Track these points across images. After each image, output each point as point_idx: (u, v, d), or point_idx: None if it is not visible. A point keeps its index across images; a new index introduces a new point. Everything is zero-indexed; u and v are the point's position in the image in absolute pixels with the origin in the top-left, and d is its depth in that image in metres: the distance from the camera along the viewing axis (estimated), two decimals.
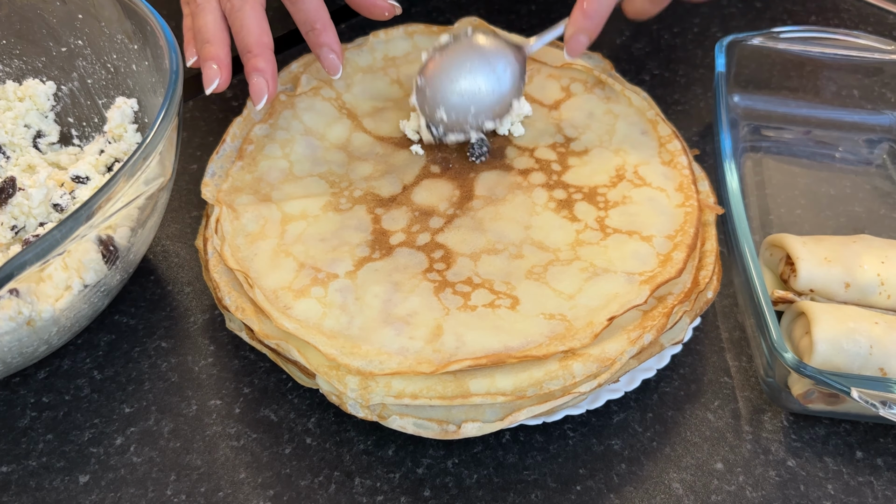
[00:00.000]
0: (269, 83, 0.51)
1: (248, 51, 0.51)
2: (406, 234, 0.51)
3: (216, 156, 0.55)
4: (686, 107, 0.71)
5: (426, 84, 0.53)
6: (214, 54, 0.51)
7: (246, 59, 0.52)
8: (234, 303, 0.48)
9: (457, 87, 0.53)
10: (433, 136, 0.55)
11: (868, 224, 0.60)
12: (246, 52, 0.52)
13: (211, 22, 0.52)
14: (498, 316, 0.46)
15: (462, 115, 0.54)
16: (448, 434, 0.44)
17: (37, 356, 0.48)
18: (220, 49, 0.51)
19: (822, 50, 0.66)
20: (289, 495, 0.46)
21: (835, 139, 0.67)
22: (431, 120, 0.55)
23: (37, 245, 0.39)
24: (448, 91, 0.53)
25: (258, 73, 0.51)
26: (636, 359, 0.47)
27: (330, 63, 0.54)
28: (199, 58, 0.52)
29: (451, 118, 0.54)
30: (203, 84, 0.51)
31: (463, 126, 0.55)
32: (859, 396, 0.43)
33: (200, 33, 0.52)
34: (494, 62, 0.53)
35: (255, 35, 0.51)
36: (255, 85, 0.51)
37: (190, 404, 0.50)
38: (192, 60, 0.53)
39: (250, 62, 0.51)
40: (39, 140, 0.59)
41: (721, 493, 0.46)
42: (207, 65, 0.51)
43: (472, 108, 0.54)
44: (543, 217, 0.52)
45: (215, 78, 0.51)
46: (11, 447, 0.48)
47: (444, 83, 0.53)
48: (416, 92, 0.54)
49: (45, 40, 0.59)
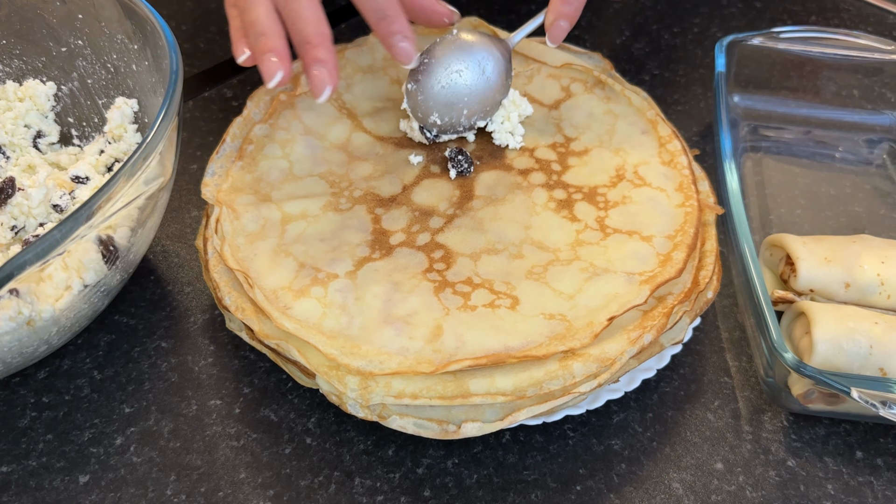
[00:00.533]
0: (331, 74, 0.48)
1: (307, 41, 0.48)
2: (406, 234, 0.51)
3: (216, 156, 0.55)
4: (686, 107, 0.71)
5: (417, 89, 0.53)
6: (272, 46, 0.48)
7: (304, 51, 0.49)
8: (234, 303, 0.48)
9: (446, 90, 0.53)
10: (427, 139, 0.56)
11: (868, 224, 0.60)
12: (304, 44, 0.48)
13: (263, 15, 0.49)
14: (498, 316, 0.46)
15: (455, 116, 0.54)
16: (448, 434, 0.44)
17: (37, 356, 0.48)
18: (278, 41, 0.48)
19: (822, 50, 0.66)
20: (289, 495, 0.46)
21: (835, 139, 0.67)
22: (425, 124, 0.55)
23: (37, 245, 0.39)
24: (439, 95, 0.53)
25: (319, 63, 0.48)
26: (636, 359, 0.47)
27: (403, 52, 0.51)
28: (253, 52, 0.49)
29: (444, 121, 0.54)
30: (263, 78, 0.48)
31: (456, 127, 0.55)
32: (859, 396, 0.43)
33: (254, 27, 0.49)
34: (482, 60, 0.53)
35: (313, 25, 0.49)
36: (317, 77, 0.48)
37: (190, 404, 0.50)
38: (243, 57, 0.50)
39: (309, 53, 0.48)
40: (39, 140, 0.59)
41: (721, 493, 0.46)
42: (266, 58, 0.48)
43: (464, 109, 0.54)
44: (543, 217, 0.52)
45: (277, 70, 0.48)
46: (11, 447, 0.48)
47: (433, 87, 0.53)
48: (408, 97, 0.54)
49: (45, 40, 0.59)
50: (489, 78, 0.54)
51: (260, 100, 0.58)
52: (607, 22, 0.80)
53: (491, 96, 0.54)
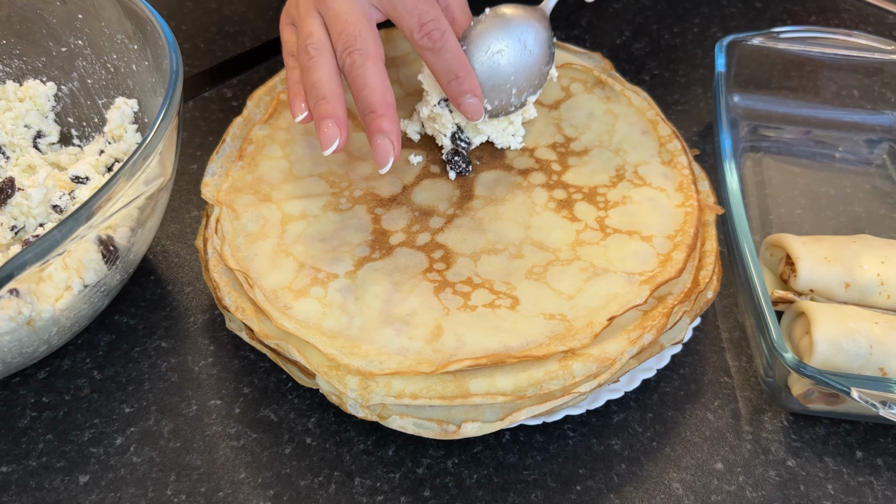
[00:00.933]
0: (395, 145, 0.48)
1: (372, 111, 0.48)
2: (406, 234, 0.51)
3: (216, 156, 0.55)
4: (686, 107, 0.71)
5: None
6: (332, 112, 0.48)
7: (369, 119, 0.49)
8: (234, 303, 0.48)
9: (491, 72, 0.52)
10: (458, 145, 0.55)
11: (868, 224, 0.60)
12: (369, 112, 0.48)
13: (326, 77, 0.49)
14: (498, 316, 0.46)
15: (504, 98, 0.53)
16: (448, 434, 0.44)
17: (37, 356, 0.48)
18: (338, 107, 0.48)
19: (822, 50, 0.66)
20: (289, 495, 0.46)
21: (835, 139, 0.67)
22: None
23: (37, 245, 0.39)
24: (483, 80, 0.52)
25: (383, 134, 0.48)
26: (636, 359, 0.47)
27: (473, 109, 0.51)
28: (311, 114, 0.50)
29: (494, 105, 0.53)
30: (321, 144, 0.48)
31: (507, 108, 0.54)
32: (859, 396, 0.43)
33: (315, 89, 0.49)
34: (521, 35, 0.52)
35: (378, 94, 0.48)
36: (380, 147, 0.48)
37: (190, 404, 0.50)
38: (301, 117, 0.50)
39: (374, 122, 0.48)
40: (39, 140, 0.59)
41: (721, 493, 0.46)
42: (324, 123, 0.48)
43: (512, 89, 0.53)
44: (543, 217, 0.52)
45: (335, 138, 0.48)
46: (11, 447, 0.48)
47: (479, 73, 0.52)
48: None
49: (45, 40, 0.59)
50: (532, 51, 0.52)
51: (260, 100, 0.59)
52: (607, 22, 0.80)
53: (538, 69, 0.53)
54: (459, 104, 0.51)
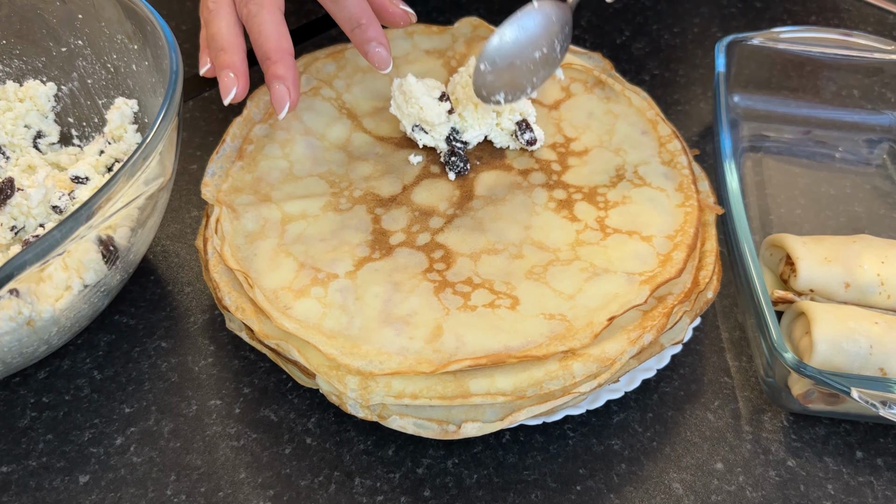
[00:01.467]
0: (291, 91, 0.49)
1: (268, 58, 0.49)
2: (406, 234, 0.51)
3: (216, 156, 0.55)
4: (686, 107, 0.71)
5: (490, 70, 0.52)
6: (230, 62, 0.49)
7: (265, 66, 0.49)
8: (234, 303, 0.48)
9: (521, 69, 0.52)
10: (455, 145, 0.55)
11: (868, 224, 0.60)
12: (265, 60, 0.49)
13: (224, 28, 0.50)
14: (498, 316, 0.46)
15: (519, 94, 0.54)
16: (448, 434, 0.44)
17: (37, 356, 0.48)
18: (236, 56, 0.49)
19: (822, 50, 0.66)
20: (289, 495, 0.46)
21: (835, 139, 0.67)
22: (487, 102, 0.53)
23: (37, 245, 0.39)
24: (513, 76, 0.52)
25: (279, 80, 0.49)
26: (636, 359, 0.47)
27: (379, 58, 0.51)
28: (213, 66, 0.50)
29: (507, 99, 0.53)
30: (220, 94, 0.49)
31: (518, 99, 0.54)
32: (859, 396, 0.43)
33: (214, 41, 0.50)
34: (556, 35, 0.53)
35: (273, 41, 0.49)
36: (277, 92, 0.49)
37: (190, 404, 0.50)
38: (205, 69, 0.51)
39: (270, 69, 0.49)
40: (39, 140, 0.59)
41: (721, 493, 0.47)
42: (224, 73, 0.49)
43: (528, 86, 0.53)
44: (543, 217, 0.52)
45: (232, 87, 0.49)
46: (11, 447, 0.48)
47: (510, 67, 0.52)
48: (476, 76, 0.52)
49: (45, 40, 0.59)
50: (555, 50, 0.53)
51: (260, 100, 0.58)
52: (607, 22, 0.80)
53: (553, 64, 0.54)
54: (366, 53, 0.51)
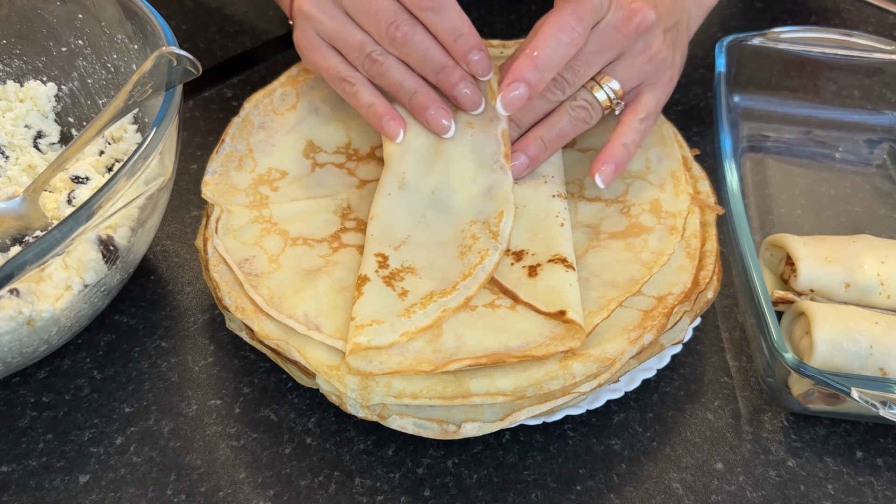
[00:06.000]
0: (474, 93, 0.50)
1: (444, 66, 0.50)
2: None
3: (216, 155, 0.55)
4: (686, 107, 0.71)
5: None
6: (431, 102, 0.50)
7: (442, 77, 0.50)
8: (234, 302, 0.48)
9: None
10: None
11: (868, 224, 0.60)
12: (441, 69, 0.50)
13: (402, 72, 0.50)
14: (498, 316, 0.46)
15: None
16: (448, 434, 0.44)
17: (37, 356, 0.48)
18: (431, 93, 0.50)
19: (822, 50, 0.66)
20: (289, 495, 0.46)
21: (835, 139, 0.67)
22: None
23: (37, 245, 0.39)
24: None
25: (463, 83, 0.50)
26: (636, 359, 0.47)
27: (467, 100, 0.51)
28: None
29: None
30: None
31: None
32: (859, 396, 0.43)
33: (402, 88, 0.50)
34: None
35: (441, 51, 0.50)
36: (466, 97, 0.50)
37: (190, 404, 0.50)
38: (400, 137, 0.51)
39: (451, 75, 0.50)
40: (40, 140, 0.59)
41: (721, 493, 0.46)
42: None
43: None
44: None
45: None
46: (11, 447, 0.48)
47: None
48: None
49: (46, 40, 0.59)
50: None
51: (258, 103, 0.58)
52: None
53: None
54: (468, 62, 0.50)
